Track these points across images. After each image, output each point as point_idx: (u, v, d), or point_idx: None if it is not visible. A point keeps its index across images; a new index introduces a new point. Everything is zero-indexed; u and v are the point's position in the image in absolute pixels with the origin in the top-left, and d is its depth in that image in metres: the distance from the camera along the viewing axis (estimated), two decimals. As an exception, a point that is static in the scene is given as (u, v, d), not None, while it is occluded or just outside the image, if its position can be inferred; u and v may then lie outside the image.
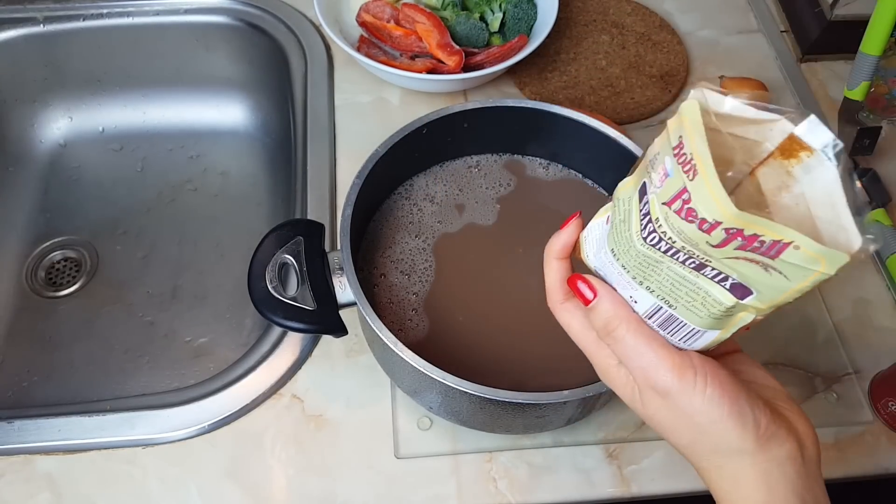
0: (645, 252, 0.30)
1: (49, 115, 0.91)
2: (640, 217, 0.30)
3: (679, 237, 0.28)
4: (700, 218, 0.27)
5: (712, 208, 0.26)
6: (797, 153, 0.28)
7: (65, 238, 0.85)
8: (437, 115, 0.57)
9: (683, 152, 0.27)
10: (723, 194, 0.26)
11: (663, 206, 0.28)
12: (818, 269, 0.26)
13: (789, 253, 0.26)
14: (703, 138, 0.27)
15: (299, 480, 0.55)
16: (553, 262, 0.38)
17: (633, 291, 0.33)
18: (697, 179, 0.26)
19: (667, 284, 0.31)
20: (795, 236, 0.26)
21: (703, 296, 0.30)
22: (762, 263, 0.27)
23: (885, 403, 0.59)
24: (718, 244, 0.27)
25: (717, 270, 0.29)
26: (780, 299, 0.29)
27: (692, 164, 0.27)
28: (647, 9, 0.87)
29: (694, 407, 0.32)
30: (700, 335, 0.32)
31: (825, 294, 0.66)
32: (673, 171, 0.28)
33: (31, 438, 0.56)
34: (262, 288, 0.49)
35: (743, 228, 0.26)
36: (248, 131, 0.93)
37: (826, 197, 0.27)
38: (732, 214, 0.26)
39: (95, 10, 0.85)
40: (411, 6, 0.76)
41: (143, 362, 0.76)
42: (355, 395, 0.59)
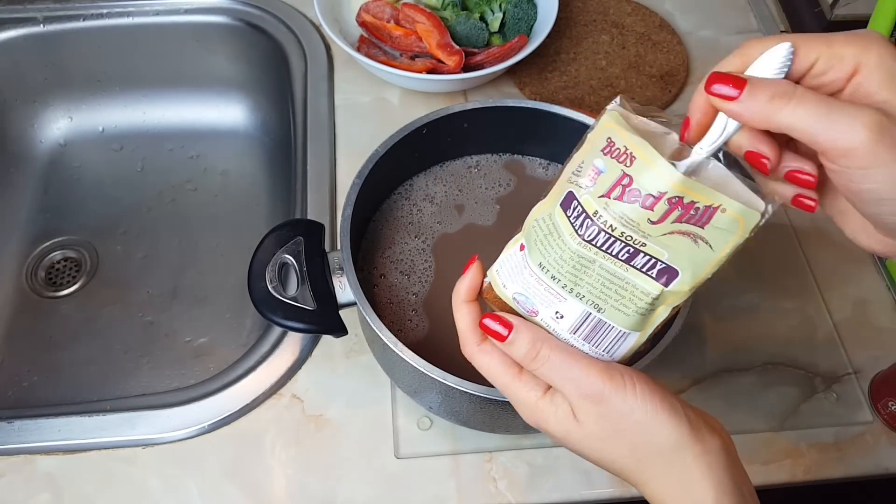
0: (580, 252, 0.33)
1: (49, 115, 0.91)
2: (570, 222, 0.33)
3: (620, 222, 0.32)
4: (645, 195, 0.31)
5: (658, 181, 0.31)
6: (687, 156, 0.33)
7: (65, 238, 0.85)
8: (437, 115, 0.57)
9: (615, 148, 0.32)
10: (668, 167, 0.31)
11: (601, 198, 0.32)
12: (737, 231, 0.31)
13: (718, 217, 0.31)
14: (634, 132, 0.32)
15: (299, 480, 0.55)
16: (462, 307, 0.38)
17: (559, 305, 0.35)
18: (637, 163, 0.31)
19: (597, 286, 0.34)
20: (724, 199, 0.31)
21: (631, 290, 0.33)
22: (693, 235, 0.32)
23: (886, 403, 0.59)
24: (658, 219, 0.31)
25: (649, 256, 0.32)
26: (702, 274, 0.33)
27: (628, 153, 0.31)
28: (647, 9, 0.87)
29: (628, 405, 0.33)
30: (623, 340, 0.35)
31: (825, 294, 0.66)
32: (606, 167, 0.32)
33: (31, 438, 0.56)
34: (262, 288, 0.49)
35: (683, 196, 0.31)
36: (249, 131, 0.93)
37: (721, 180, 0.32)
38: (678, 181, 0.31)
39: (95, 10, 0.85)
40: (411, 6, 0.76)
41: (143, 362, 0.76)
42: (355, 395, 0.59)
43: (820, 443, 0.59)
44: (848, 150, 0.28)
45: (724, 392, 0.61)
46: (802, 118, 0.29)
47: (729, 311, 0.65)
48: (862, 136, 0.28)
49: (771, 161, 0.32)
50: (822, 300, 0.66)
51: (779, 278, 0.67)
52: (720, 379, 0.61)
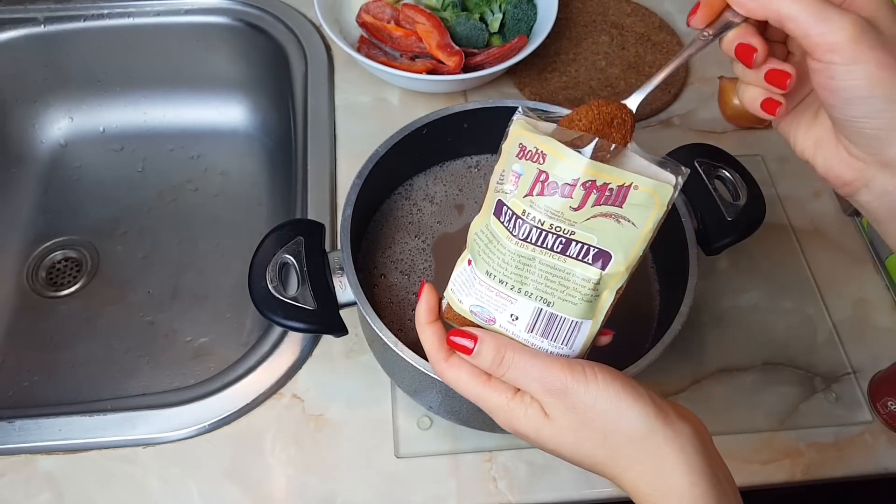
0: (519, 251, 0.35)
1: (50, 115, 0.91)
2: (504, 226, 0.36)
3: (546, 215, 0.34)
4: (561, 184, 0.34)
5: (569, 170, 0.33)
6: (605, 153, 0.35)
7: (65, 238, 0.85)
8: (437, 116, 0.57)
9: (528, 150, 0.35)
10: (574, 154, 0.33)
11: (525, 198, 0.35)
12: (654, 205, 0.34)
13: (632, 195, 0.34)
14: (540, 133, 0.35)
15: (299, 480, 0.55)
16: (426, 329, 0.39)
17: (512, 307, 0.37)
18: (549, 158, 0.34)
19: (542, 281, 0.36)
20: (634, 177, 0.34)
21: (573, 280, 0.35)
22: (614, 215, 0.34)
23: (885, 403, 0.59)
24: (579, 205, 0.34)
25: (581, 243, 0.34)
26: (632, 253, 0.35)
27: (539, 152, 0.34)
28: (647, 9, 0.87)
29: (591, 394, 0.34)
30: (578, 329, 0.37)
31: (825, 294, 0.66)
32: (523, 169, 0.35)
33: (31, 438, 0.56)
34: (262, 288, 0.49)
35: (595, 179, 0.33)
36: (249, 131, 0.93)
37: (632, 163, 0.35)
38: (586, 165, 0.33)
39: (96, 10, 0.85)
40: (411, 7, 0.76)
41: (143, 362, 0.76)
42: (355, 394, 0.59)
43: (819, 442, 0.59)
44: (834, 45, 0.32)
45: (724, 392, 0.61)
46: (800, 10, 0.32)
47: (729, 311, 0.65)
48: (847, 33, 0.32)
49: (759, 53, 0.36)
50: (822, 300, 0.66)
51: (778, 278, 0.67)
52: (720, 379, 0.61)
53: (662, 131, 0.77)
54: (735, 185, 0.56)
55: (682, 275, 0.51)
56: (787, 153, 0.75)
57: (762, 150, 0.75)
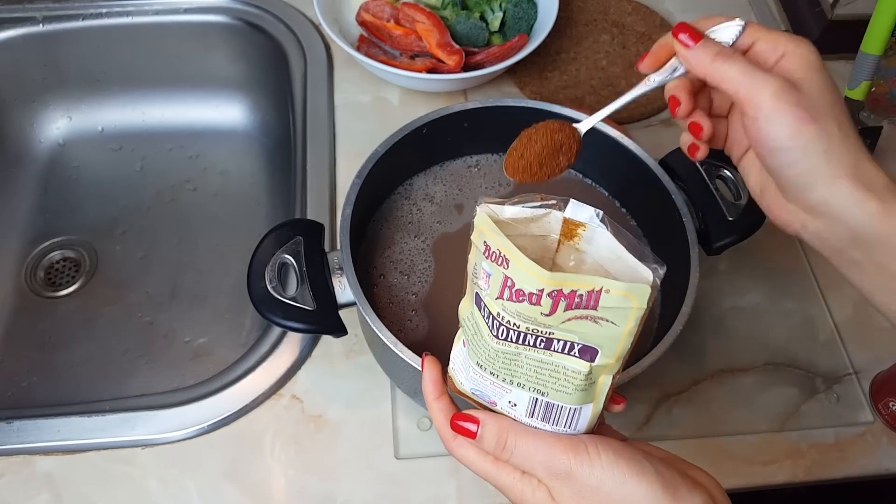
0: (502, 349, 0.34)
1: (48, 114, 0.90)
2: (485, 322, 0.34)
3: (520, 319, 0.32)
4: (528, 293, 0.31)
5: (531, 280, 0.31)
6: (576, 231, 0.33)
7: (64, 238, 0.85)
8: (437, 115, 0.57)
9: (492, 251, 0.32)
10: (533, 266, 0.31)
11: (497, 300, 0.32)
12: (631, 305, 0.31)
13: (605, 298, 0.31)
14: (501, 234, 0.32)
15: (299, 481, 0.55)
16: (433, 405, 0.38)
17: (509, 395, 0.35)
18: (511, 265, 0.31)
19: (531, 374, 0.34)
20: (603, 282, 0.31)
21: (562, 372, 0.33)
22: (591, 317, 0.31)
23: (886, 403, 0.59)
24: (550, 311, 0.31)
25: (563, 340, 0.32)
26: (620, 347, 0.33)
27: (502, 255, 0.32)
28: (648, 8, 0.87)
29: (596, 476, 0.34)
30: (578, 414, 0.35)
31: (826, 295, 0.66)
32: (491, 269, 0.32)
33: (30, 439, 0.56)
34: (261, 288, 0.49)
35: (561, 288, 0.31)
36: (248, 131, 0.93)
37: (610, 253, 0.33)
38: (546, 277, 0.30)
39: (95, 9, 0.84)
40: (411, 5, 0.76)
41: (142, 363, 0.76)
42: (355, 395, 0.59)
43: (821, 443, 0.59)
44: (758, 102, 0.37)
45: (725, 392, 0.60)
46: (732, 74, 0.38)
47: (730, 312, 0.65)
48: (769, 91, 0.37)
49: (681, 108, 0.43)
50: (823, 301, 0.66)
51: (780, 279, 0.67)
52: (721, 379, 0.61)
53: (663, 131, 0.77)
54: (736, 185, 0.56)
55: (683, 275, 0.51)
56: (788, 153, 0.75)
57: (763, 150, 0.75)
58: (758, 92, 0.37)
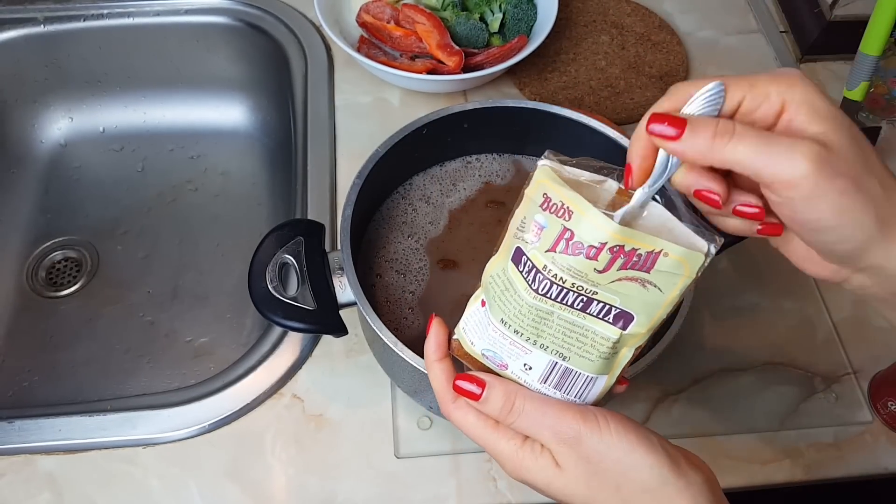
0: (537, 305, 0.34)
1: (50, 115, 0.91)
2: (523, 277, 0.34)
3: (569, 273, 0.32)
4: (587, 246, 0.31)
5: (597, 232, 0.31)
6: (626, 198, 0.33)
7: (65, 238, 0.85)
8: (437, 116, 0.57)
9: (552, 203, 0.32)
10: (603, 218, 0.31)
11: (547, 253, 0.32)
12: (683, 273, 0.32)
13: (661, 261, 0.32)
14: (567, 186, 0.32)
15: (299, 480, 0.55)
16: (434, 367, 0.38)
17: (526, 357, 0.35)
18: (575, 217, 0.32)
19: (559, 336, 0.34)
20: (664, 244, 0.31)
21: (591, 337, 0.34)
22: (640, 280, 0.32)
23: (885, 403, 0.59)
24: (604, 268, 0.32)
25: (602, 303, 0.33)
26: (655, 316, 0.33)
27: (565, 207, 0.32)
28: (647, 9, 0.87)
29: (605, 443, 0.34)
30: (592, 384, 0.35)
31: (825, 294, 0.66)
32: (547, 222, 0.32)
33: (31, 438, 0.56)
34: (262, 288, 0.49)
35: (624, 244, 0.31)
36: (249, 131, 0.93)
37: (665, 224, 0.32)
38: (614, 230, 0.31)
39: (96, 10, 0.85)
40: (411, 7, 0.76)
41: (143, 362, 0.76)
42: (355, 394, 0.59)
43: (819, 442, 0.59)
44: (790, 182, 0.29)
45: (724, 392, 0.61)
46: (745, 154, 0.29)
47: (729, 311, 0.65)
48: (803, 168, 0.29)
49: (721, 196, 0.33)
50: (822, 300, 0.66)
51: (778, 278, 0.67)
52: (720, 378, 0.61)
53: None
54: (735, 185, 0.56)
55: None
56: (787, 153, 0.75)
57: (762, 150, 0.75)
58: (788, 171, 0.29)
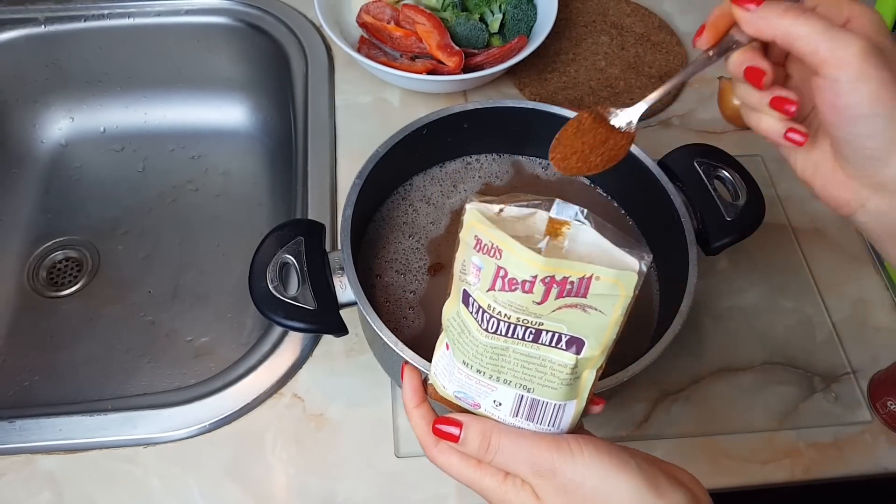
0: (491, 343, 0.34)
1: (50, 115, 0.91)
2: (473, 317, 0.35)
3: (511, 309, 0.33)
4: (520, 281, 0.32)
5: (526, 266, 0.32)
6: (560, 230, 0.34)
7: (66, 238, 0.85)
8: (437, 116, 0.57)
9: (483, 244, 0.33)
10: (528, 251, 0.32)
11: (488, 292, 0.33)
12: (619, 293, 0.32)
13: (595, 285, 0.32)
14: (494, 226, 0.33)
15: (300, 479, 0.56)
16: (413, 414, 0.38)
17: (494, 394, 0.36)
18: (504, 254, 0.32)
19: (518, 369, 0.35)
20: (594, 269, 0.32)
21: (549, 366, 0.34)
22: (580, 305, 0.33)
23: (885, 403, 0.59)
24: (542, 299, 0.32)
25: (551, 332, 0.33)
26: (605, 338, 0.34)
27: (494, 247, 0.33)
28: (647, 10, 0.87)
29: (579, 472, 0.34)
30: (562, 410, 0.36)
31: (824, 294, 0.66)
32: (482, 262, 0.33)
33: (32, 438, 0.56)
34: (263, 287, 0.49)
35: (554, 274, 0.32)
36: (249, 132, 0.94)
37: (596, 248, 0.33)
38: (541, 262, 0.32)
39: (97, 10, 0.85)
40: (411, 7, 0.76)
41: (144, 362, 0.76)
42: (356, 394, 0.59)
43: (819, 442, 0.59)
44: (841, 61, 0.33)
45: (724, 391, 0.61)
46: (809, 30, 0.34)
47: (728, 311, 0.65)
48: (855, 50, 0.33)
49: (768, 75, 0.36)
50: (821, 300, 0.66)
51: (778, 278, 0.67)
52: (719, 378, 0.61)
53: (662, 131, 0.77)
54: (735, 185, 0.56)
55: (681, 274, 0.51)
56: (786, 153, 0.75)
57: (762, 150, 0.75)
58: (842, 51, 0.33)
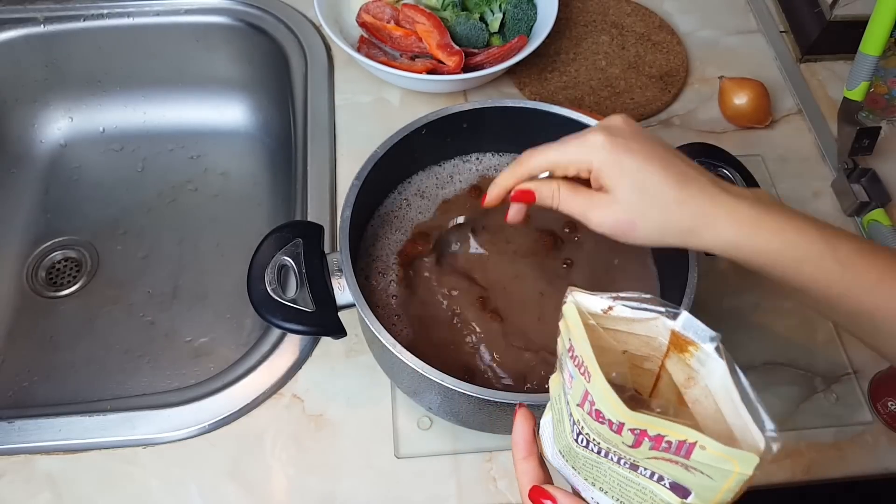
0: (583, 454, 0.30)
1: (49, 115, 0.91)
2: (568, 418, 0.30)
3: (600, 438, 0.28)
4: (607, 419, 0.27)
5: (611, 409, 0.26)
6: (687, 347, 0.29)
7: (65, 238, 0.85)
8: (437, 116, 0.57)
9: (576, 355, 0.28)
10: (613, 396, 0.26)
11: (577, 407, 0.28)
12: (733, 469, 0.25)
13: (699, 453, 0.26)
14: (587, 342, 0.27)
15: (299, 480, 0.55)
16: (519, 465, 0.36)
17: (592, 492, 0.32)
18: (593, 381, 0.27)
19: (615, 485, 0.30)
20: (699, 437, 0.25)
21: (650, 496, 0.29)
22: (681, 464, 0.26)
23: (885, 403, 0.59)
24: (632, 444, 0.27)
25: (650, 470, 0.28)
26: (718, 499, 0.27)
27: (585, 366, 0.27)
28: (647, 9, 0.87)
29: None
30: None
31: (825, 294, 0.66)
32: (574, 373, 0.28)
33: (31, 438, 0.56)
34: (261, 290, 0.49)
35: (645, 429, 0.26)
36: (249, 132, 0.93)
37: (724, 391, 0.28)
38: (628, 416, 0.26)
39: (96, 10, 0.85)
40: (411, 7, 0.76)
41: (143, 362, 0.76)
42: (355, 394, 0.59)
43: (820, 442, 0.59)
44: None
45: (724, 392, 0.60)
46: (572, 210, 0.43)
47: (729, 312, 0.65)
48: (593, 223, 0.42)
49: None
50: (822, 300, 0.66)
51: (778, 278, 0.67)
52: (720, 379, 0.61)
53: (662, 131, 0.77)
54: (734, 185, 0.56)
55: (682, 274, 0.51)
56: (787, 153, 0.75)
57: (762, 150, 0.75)
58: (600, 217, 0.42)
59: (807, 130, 0.77)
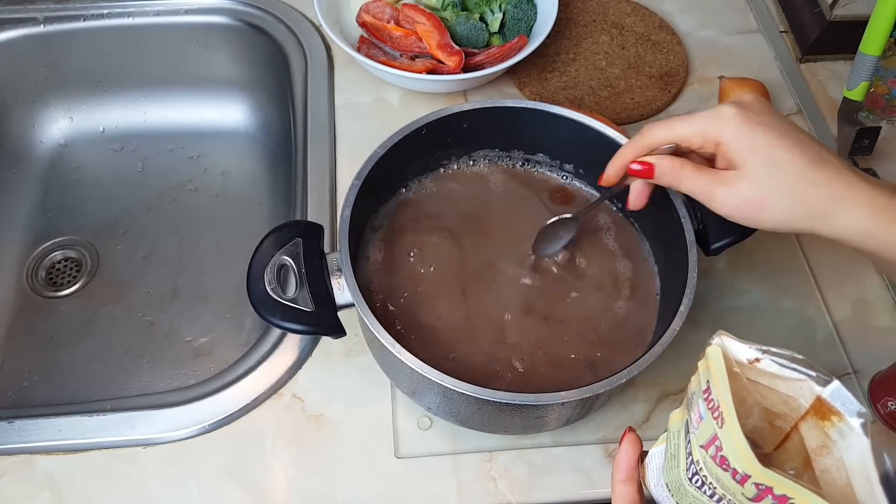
0: (694, 493, 0.29)
1: (49, 115, 0.91)
2: (686, 456, 0.29)
3: (718, 484, 0.27)
4: (732, 468, 0.26)
5: (740, 460, 0.26)
6: (829, 416, 0.28)
7: (65, 238, 0.85)
8: (437, 116, 0.57)
9: (711, 398, 0.28)
10: (747, 448, 0.26)
11: (701, 448, 0.28)
12: None
13: None
14: (727, 388, 0.27)
15: (299, 480, 0.55)
16: (617, 486, 0.35)
17: None
18: (726, 428, 0.26)
19: None
20: None
21: None
22: None
23: (885, 403, 0.59)
24: (753, 498, 0.26)
25: None
26: None
27: (720, 411, 0.27)
28: (647, 9, 0.87)
29: None
30: None
31: (825, 294, 0.66)
32: (705, 415, 0.28)
33: (31, 438, 0.56)
34: (260, 289, 0.49)
35: (772, 487, 0.26)
36: (249, 131, 0.93)
37: (861, 468, 0.27)
38: (758, 470, 0.25)
39: (96, 10, 0.85)
40: (411, 6, 0.76)
41: (143, 362, 0.76)
42: (355, 394, 0.59)
43: (819, 443, 0.59)
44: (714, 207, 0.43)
45: (724, 392, 0.61)
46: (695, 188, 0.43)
47: (729, 312, 0.65)
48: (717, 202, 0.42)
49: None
50: (822, 300, 0.66)
51: (778, 278, 0.67)
52: (719, 379, 0.61)
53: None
54: (735, 186, 0.56)
55: (681, 274, 0.51)
56: (787, 153, 0.75)
57: (762, 150, 0.75)
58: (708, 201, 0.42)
59: (807, 130, 0.77)
